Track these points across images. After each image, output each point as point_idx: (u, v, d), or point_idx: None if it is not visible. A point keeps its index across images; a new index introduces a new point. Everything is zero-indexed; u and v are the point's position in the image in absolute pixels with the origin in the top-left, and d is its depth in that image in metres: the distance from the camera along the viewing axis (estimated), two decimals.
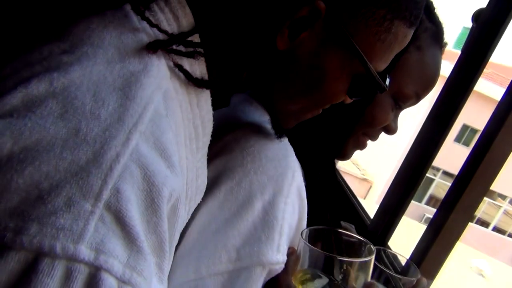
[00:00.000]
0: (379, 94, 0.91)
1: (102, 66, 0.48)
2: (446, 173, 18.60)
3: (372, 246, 0.73)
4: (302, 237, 0.71)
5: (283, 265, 0.71)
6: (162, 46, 0.53)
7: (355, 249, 0.74)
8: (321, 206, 1.02)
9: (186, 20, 0.58)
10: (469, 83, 1.23)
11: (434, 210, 1.24)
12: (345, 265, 0.69)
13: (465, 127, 17.27)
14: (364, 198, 17.38)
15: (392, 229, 1.37)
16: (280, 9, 0.59)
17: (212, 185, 0.73)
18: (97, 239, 0.41)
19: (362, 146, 1.02)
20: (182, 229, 0.63)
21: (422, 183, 1.34)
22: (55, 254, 0.40)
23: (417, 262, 1.23)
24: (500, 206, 19.51)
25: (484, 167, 1.15)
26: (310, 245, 0.70)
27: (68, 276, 0.40)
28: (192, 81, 0.57)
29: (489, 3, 1.22)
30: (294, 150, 0.81)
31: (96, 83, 0.46)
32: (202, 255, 0.70)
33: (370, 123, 0.97)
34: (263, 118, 0.84)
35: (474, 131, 17.25)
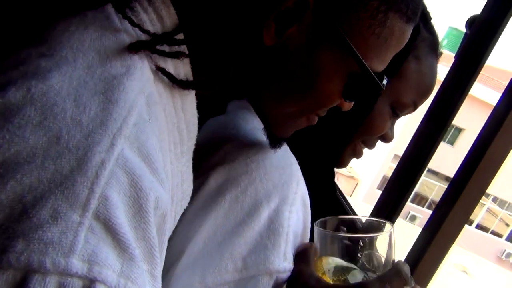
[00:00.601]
0: (377, 103, 0.91)
1: (82, 71, 0.45)
2: (430, 171, 18.80)
3: (388, 223, 0.70)
4: (316, 226, 0.69)
5: (290, 273, 0.69)
6: (145, 46, 0.50)
7: (370, 232, 0.71)
8: (321, 215, 1.01)
9: (171, 20, 0.55)
10: (463, 88, 1.23)
11: (419, 208, 1.23)
12: (363, 243, 0.67)
13: (449, 126, 17.44)
14: (350, 196, 17.49)
15: None
16: (263, 0, 0.56)
17: (217, 194, 0.71)
18: (88, 250, 0.40)
19: (359, 154, 1.02)
20: (169, 235, 0.61)
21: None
22: (45, 270, 0.38)
23: (410, 268, 1.22)
24: (483, 204, 19.79)
25: (481, 170, 1.14)
26: (326, 230, 0.68)
27: None
28: (177, 83, 0.54)
29: (483, 10, 1.22)
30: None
31: (76, 88, 0.44)
32: (208, 265, 0.68)
33: (369, 131, 0.97)
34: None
35: (458, 129, 17.44)
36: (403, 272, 0.66)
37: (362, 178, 18.00)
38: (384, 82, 0.65)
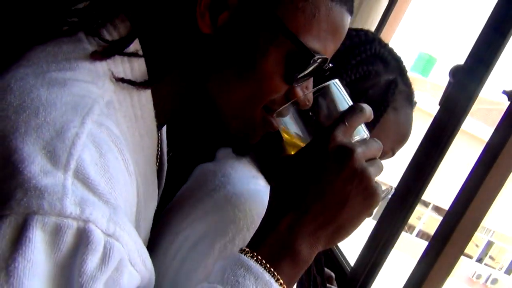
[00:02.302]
0: None
1: (54, 73, 0.54)
2: None
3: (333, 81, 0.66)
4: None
5: None
6: (105, 52, 0.59)
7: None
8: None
9: (126, 30, 0.63)
10: (447, 138, 1.27)
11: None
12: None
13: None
14: None
15: (374, 275, 1.36)
16: None
17: (206, 242, 0.73)
18: (78, 197, 0.46)
19: None
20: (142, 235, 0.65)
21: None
22: (44, 211, 0.44)
23: None
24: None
25: (476, 203, 1.15)
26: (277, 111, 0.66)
27: (57, 232, 0.44)
28: (137, 85, 0.62)
29: (465, 61, 1.28)
30: None
31: (48, 82, 0.53)
32: None
33: None
34: (253, 173, 0.85)
35: None
36: (358, 106, 0.62)
37: None
38: (318, 57, 0.64)
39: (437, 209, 18.00)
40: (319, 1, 0.61)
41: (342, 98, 0.65)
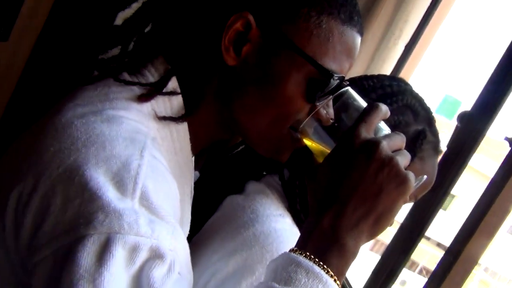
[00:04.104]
0: None
1: (110, 111, 0.62)
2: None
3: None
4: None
5: None
6: (148, 94, 0.67)
7: None
8: None
9: (165, 70, 0.70)
10: (452, 178, 1.33)
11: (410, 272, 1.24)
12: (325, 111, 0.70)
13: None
14: None
15: None
16: (209, 27, 0.68)
17: (233, 280, 0.76)
18: (146, 219, 0.53)
19: None
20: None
21: None
22: (124, 230, 0.51)
23: None
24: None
25: (475, 241, 1.19)
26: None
27: (135, 249, 0.51)
28: (177, 120, 0.69)
29: (473, 107, 1.35)
30: None
31: (106, 119, 0.60)
32: None
33: None
34: (280, 212, 0.87)
35: (452, 196, 17.30)
36: (374, 104, 0.67)
37: None
38: (336, 76, 0.68)
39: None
40: (332, 26, 0.68)
41: (358, 101, 0.71)
